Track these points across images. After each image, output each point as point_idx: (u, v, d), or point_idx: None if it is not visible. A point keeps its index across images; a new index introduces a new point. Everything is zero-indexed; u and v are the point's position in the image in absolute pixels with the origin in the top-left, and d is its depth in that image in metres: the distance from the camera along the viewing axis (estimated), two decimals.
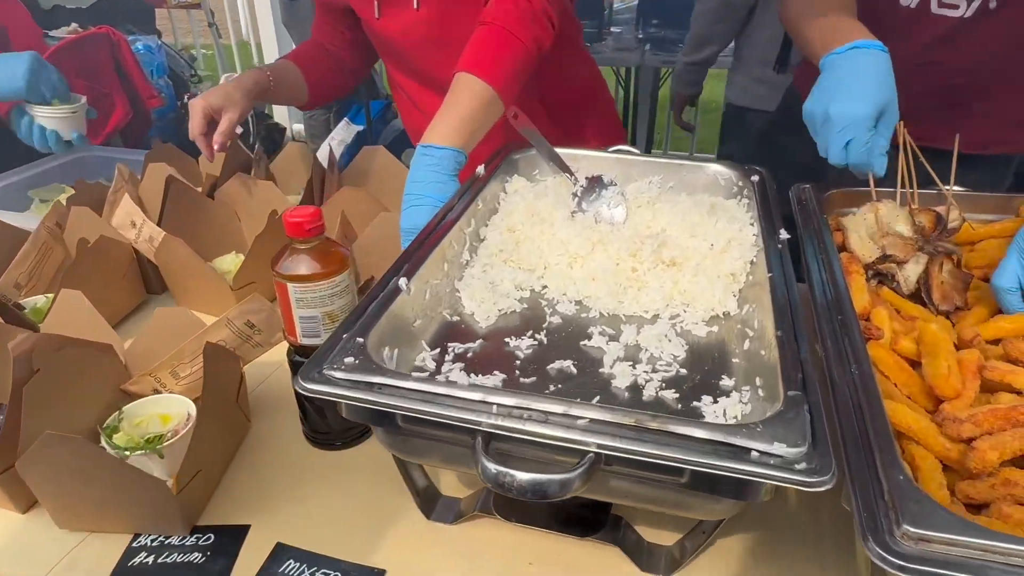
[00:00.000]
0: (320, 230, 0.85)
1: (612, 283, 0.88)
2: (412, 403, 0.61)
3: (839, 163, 0.89)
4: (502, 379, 0.75)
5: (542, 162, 1.14)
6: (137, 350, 0.97)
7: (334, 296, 0.86)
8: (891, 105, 0.87)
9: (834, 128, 0.87)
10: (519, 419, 0.59)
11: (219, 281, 1.17)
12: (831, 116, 0.87)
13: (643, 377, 0.76)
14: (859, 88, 0.86)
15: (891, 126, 0.88)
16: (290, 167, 1.57)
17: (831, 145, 0.88)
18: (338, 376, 0.64)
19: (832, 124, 0.87)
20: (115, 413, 0.91)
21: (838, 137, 0.87)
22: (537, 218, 0.97)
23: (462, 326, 0.84)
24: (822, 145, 0.90)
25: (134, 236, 1.22)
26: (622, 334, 0.82)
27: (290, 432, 0.98)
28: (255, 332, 0.91)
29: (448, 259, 0.89)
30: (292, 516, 0.85)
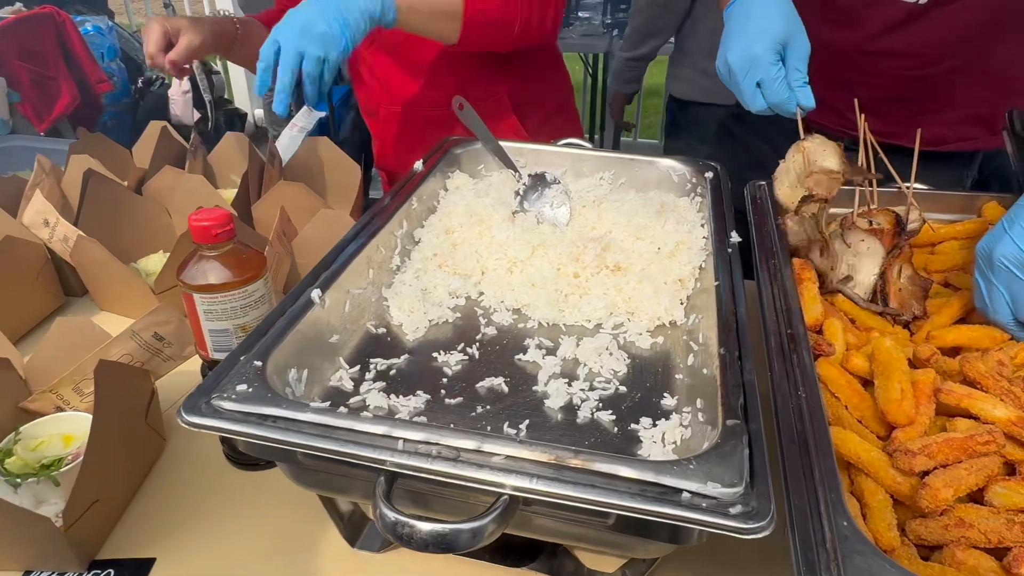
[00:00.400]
0: (230, 235, 0.77)
1: (552, 290, 0.82)
2: (308, 439, 0.54)
3: (760, 109, 0.84)
4: (425, 400, 0.68)
5: (488, 157, 1.07)
6: (37, 365, 0.88)
7: (247, 307, 0.78)
8: (795, 36, 0.83)
9: (738, 74, 0.83)
10: (426, 457, 0.53)
11: (140, 284, 1.09)
12: (730, 64, 0.83)
13: (579, 396, 0.70)
14: (751, 27, 0.83)
15: (802, 57, 0.83)
16: (229, 158, 1.47)
17: (743, 92, 0.85)
18: (227, 407, 0.57)
19: (735, 72, 0.84)
20: (11, 435, 0.83)
21: (746, 81, 0.83)
22: (476, 219, 0.90)
23: (388, 339, 0.78)
24: (739, 97, 0.86)
25: (47, 236, 1.12)
26: (560, 347, 0.76)
27: (210, 450, 0.90)
28: (165, 345, 0.84)
29: (374, 265, 0.82)
30: (202, 548, 0.78)
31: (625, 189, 1.01)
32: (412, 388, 0.70)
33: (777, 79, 0.82)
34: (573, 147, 1.08)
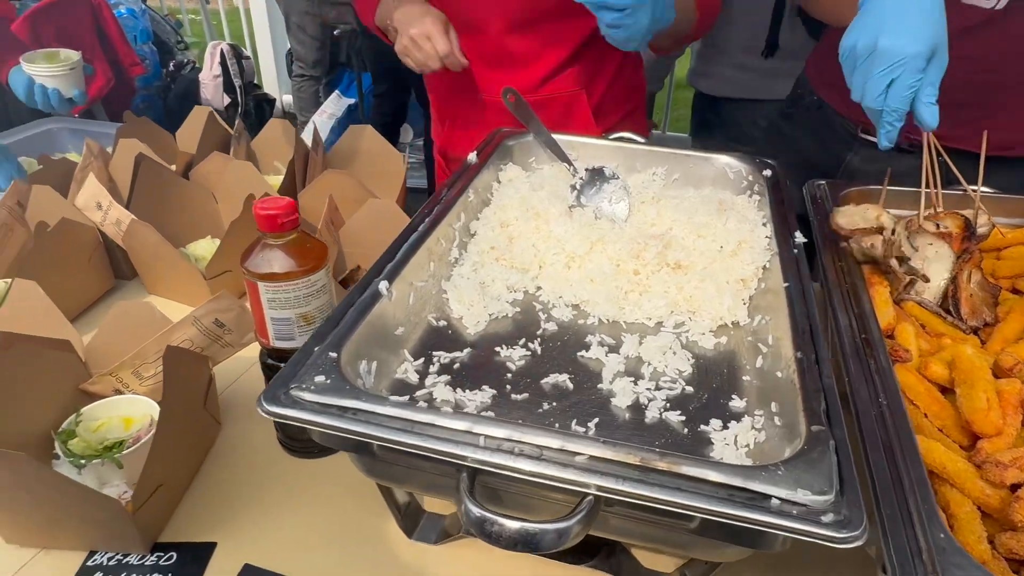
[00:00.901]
0: (295, 224, 0.77)
1: (612, 287, 0.81)
2: (390, 433, 0.54)
3: (875, 106, 0.78)
4: (491, 395, 0.68)
5: (539, 149, 1.06)
6: (97, 347, 0.89)
7: (310, 296, 0.79)
8: (942, 47, 0.77)
9: (880, 64, 0.76)
10: (509, 454, 0.52)
11: (191, 269, 1.10)
12: (879, 49, 0.75)
13: (646, 395, 0.69)
14: (912, 22, 0.75)
15: (941, 71, 0.77)
16: (273, 145, 1.48)
17: (871, 83, 0.76)
18: (307, 398, 0.57)
19: (878, 59, 0.76)
20: (72, 416, 0.84)
21: (882, 75, 0.76)
22: (532, 212, 0.90)
23: (449, 332, 0.78)
24: (859, 85, 0.79)
25: (100, 219, 1.13)
26: (623, 345, 0.76)
27: (263, 437, 0.91)
28: (225, 332, 0.84)
29: (435, 257, 0.82)
30: (262, 533, 0.78)
31: (679, 186, 0.99)
32: (477, 382, 0.70)
33: (912, 88, 0.76)
34: (625, 141, 1.07)
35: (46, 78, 1.48)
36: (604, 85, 1.27)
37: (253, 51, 4.22)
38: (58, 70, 1.48)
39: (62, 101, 1.50)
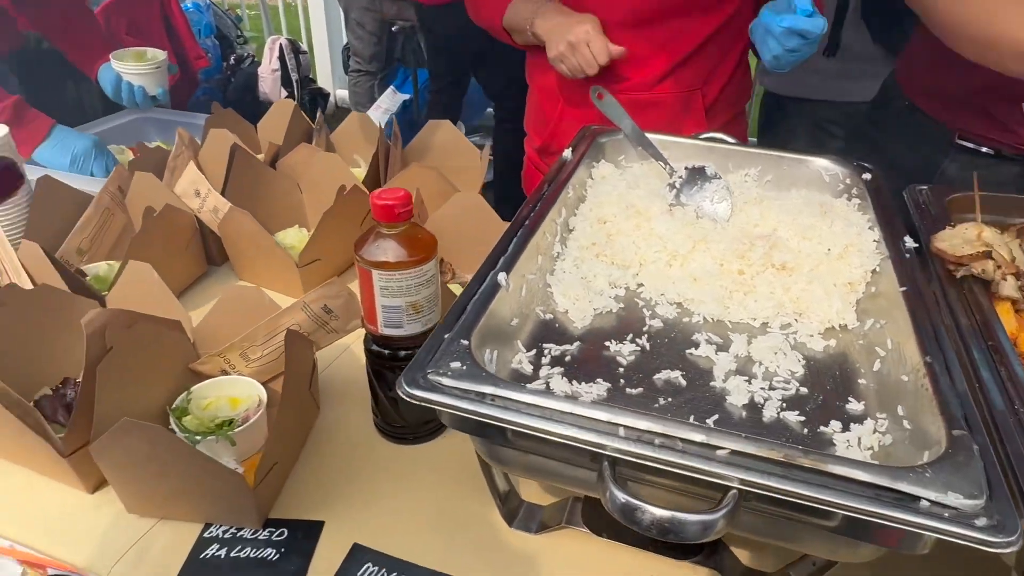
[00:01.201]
0: (409, 215, 0.79)
1: (717, 286, 0.82)
2: (530, 419, 0.55)
3: None
4: (606, 388, 0.69)
5: (629, 147, 1.07)
6: (205, 328, 0.92)
7: (420, 286, 0.80)
8: None
9: None
10: (649, 444, 0.53)
11: (285, 257, 1.13)
12: None
13: (760, 394, 0.69)
14: None
15: None
16: (351, 138, 1.51)
17: None
18: (446, 383, 0.58)
19: None
20: (183, 394, 0.87)
21: None
22: (632, 210, 0.90)
23: (556, 325, 0.79)
24: None
25: (198, 206, 1.17)
26: (732, 344, 0.76)
27: (358, 421, 0.94)
28: (332, 318, 0.86)
29: (542, 251, 0.83)
30: (366, 514, 0.81)
31: (771, 187, 0.99)
32: (591, 375, 0.71)
33: None
34: (716, 142, 1.07)
35: (133, 76, 1.54)
36: (719, 86, 1.26)
37: (309, 46, 4.29)
38: (144, 69, 1.54)
39: (146, 98, 1.56)
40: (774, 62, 1.05)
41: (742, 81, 1.33)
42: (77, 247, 1.14)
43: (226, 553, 0.75)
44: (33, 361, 0.89)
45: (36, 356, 0.89)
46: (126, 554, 0.75)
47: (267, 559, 0.75)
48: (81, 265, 1.14)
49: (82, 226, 1.14)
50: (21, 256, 0.99)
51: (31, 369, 0.89)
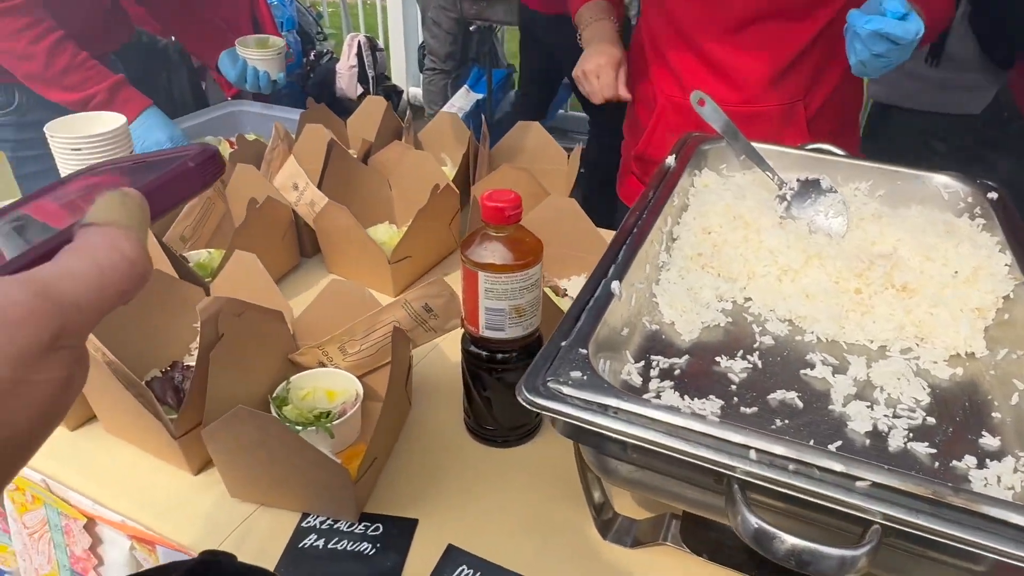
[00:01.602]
0: (519, 217, 0.79)
1: (832, 304, 0.78)
2: (655, 435, 0.54)
3: None
4: (719, 406, 0.67)
5: (731, 156, 1.04)
6: (305, 320, 0.94)
7: (524, 289, 0.80)
8: None
9: None
10: (783, 471, 0.51)
11: (378, 253, 1.14)
12: None
13: (884, 422, 0.66)
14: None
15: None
16: (439, 137, 1.52)
17: None
18: (567, 392, 0.57)
19: None
20: (284, 383, 0.89)
21: None
22: (740, 221, 0.88)
23: (662, 337, 0.77)
24: None
25: (295, 198, 1.20)
26: (849, 366, 0.73)
27: (449, 419, 0.94)
28: (431, 317, 0.87)
29: (649, 260, 0.81)
30: (459, 515, 0.80)
31: (890, 203, 0.95)
32: (702, 391, 0.69)
33: None
34: (823, 153, 1.03)
35: (257, 62, 1.62)
36: (823, 96, 1.22)
37: (386, 44, 4.36)
38: (267, 55, 1.63)
39: (269, 82, 1.64)
40: (860, 68, 1.00)
41: (850, 90, 1.27)
42: (180, 234, 1.18)
43: (324, 544, 0.76)
44: (144, 343, 0.92)
45: (147, 338, 0.93)
46: (228, 537, 0.77)
47: (363, 553, 0.76)
48: (184, 252, 1.18)
49: (186, 214, 1.18)
50: None
51: (143, 351, 0.92)
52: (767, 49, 1.18)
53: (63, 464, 0.85)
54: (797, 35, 1.16)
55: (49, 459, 0.85)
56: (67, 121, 1.10)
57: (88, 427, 0.90)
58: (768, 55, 1.18)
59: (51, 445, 0.87)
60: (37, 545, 0.87)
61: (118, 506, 0.80)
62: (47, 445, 0.78)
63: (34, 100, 1.44)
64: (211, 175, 0.35)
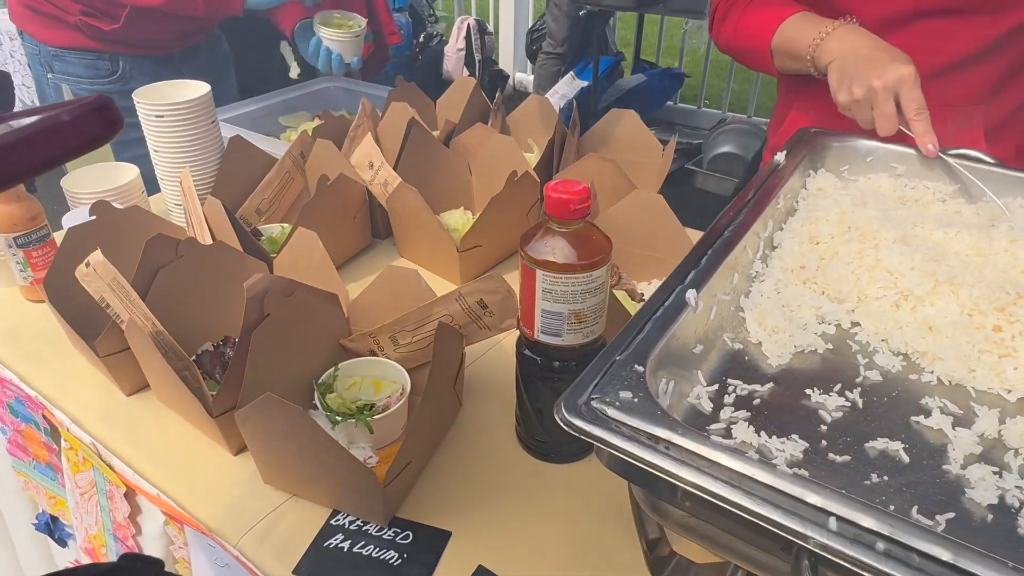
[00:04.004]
0: (586, 211, 0.70)
1: (961, 341, 0.64)
2: (711, 482, 0.44)
3: None
4: (803, 448, 0.56)
5: (856, 156, 0.90)
6: (360, 304, 0.90)
7: (587, 293, 0.71)
8: None
9: None
10: (870, 549, 0.40)
11: (447, 239, 1.08)
12: None
13: (1015, 495, 0.53)
14: None
15: None
16: (528, 121, 1.44)
17: None
18: (612, 415, 0.49)
19: None
20: (331, 369, 0.85)
21: None
22: (856, 232, 0.75)
23: (746, 359, 0.66)
24: None
25: (370, 177, 1.16)
26: (976, 420, 0.59)
27: (501, 423, 0.87)
28: (486, 314, 0.80)
29: (739, 269, 0.70)
30: (496, 533, 0.73)
31: None
32: (783, 428, 0.57)
33: None
34: (969, 160, 0.87)
35: (333, 42, 1.56)
36: (1014, 103, 1.02)
37: (495, 28, 4.33)
38: (344, 36, 1.56)
39: (341, 64, 1.58)
40: None
41: None
42: (256, 207, 1.17)
43: (349, 546, 0.71)
44: (202, 315, 0.91)
45: (205, 310, 0.91)
46: (255, 526, 0.74)
47: (388, 562, 0.70)
48: (259, 225, 1.17)
49: (264, 187, 1.17)
50: (206, 211, 1.02)
51: (199, 322, 0.91)
52: (929, 45, 0.99)
53: (113, 429, 0.85)
54: (973, 33, 0.98)
55: (101, 423, 0.86)
56: (153, 88, 1.11)
57: (143, 394, 0.90)
58: (931, 51, 0.98)
59: (106, 408, 0.88)
60: (86, 505, 0.88)
61: (156, 478, 0.79)
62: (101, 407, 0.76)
63: (136, 68, 1.48)
64: (98, 128, 0.30)
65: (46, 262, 1.03)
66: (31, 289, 1.06)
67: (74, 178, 1.13)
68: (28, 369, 0.95)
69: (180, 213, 1.15)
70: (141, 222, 0.98)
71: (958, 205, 0.84)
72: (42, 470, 1.01)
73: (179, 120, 1.07)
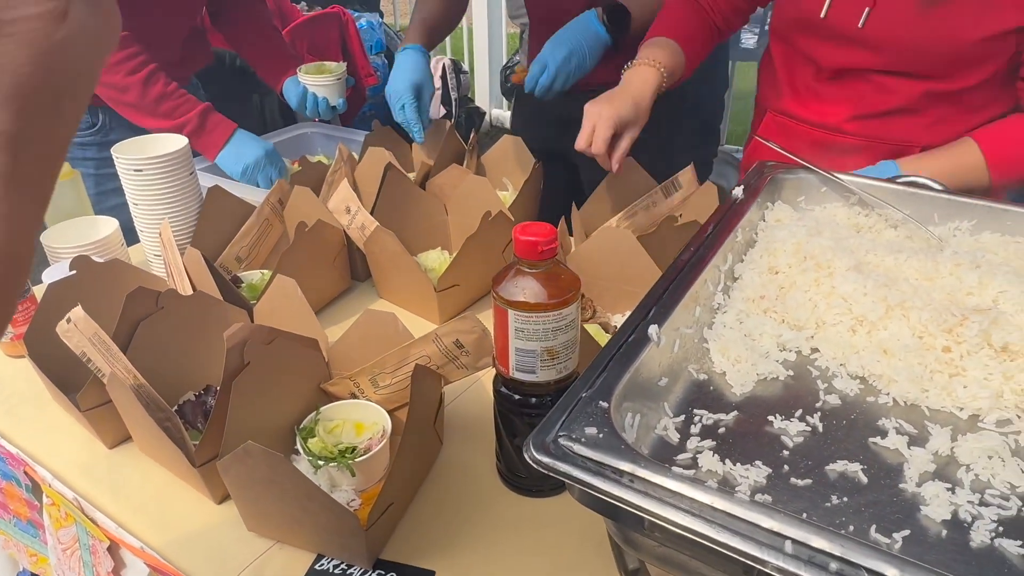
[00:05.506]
0: (554, 252, 0.73)
1: (913, 363, 0.68)
2: (672, 512, 0.46)
3: None
4: (766, 474, 0.58)
5: (811, 187, 0.94)
6: (339, 348, 0.91)
7: (558, 330, 0.74)
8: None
9: None
10: (823, 571, 0.43)
11: (424, 281, 1.11)
12: None
13: (967, 510, 0.55)
14: None
15: None
16: (502, 161, 1.48)
17: None
18: (578, 451, 0.51)
19: None
20: (312, 413, 0.86)
21: None
22: (811, 262, 0.78)
23: (711, 388, 0.69)
24: None
25: (347, 222, 1.19)
26: (930, 438, 0.62)
27: (482, 461, 0.88)
28: (463, 353, 0.82)
29: (701, 302, 0.73)
30: (479, 570, 0.75)
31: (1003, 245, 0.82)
32: (748, 455, 0.60)
33: None
34: (918, 187, 0.91)
35: (317, 87, 1.62)
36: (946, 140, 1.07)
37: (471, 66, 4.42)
38: (327, 80, 1.62)
39: (328, 108, 1.63)
40: None
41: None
42: (236, 254, 1.19)
43: None
44: (183, 365, 0.92)
45: (186, 360, 0.93)
46: (241, 574, 0.74)
47: None
48: (239, 272, 1.19)
49: (243, 235, 1.20)
50: (186, 261, 1.04)
51: (181, 372, 0.92)
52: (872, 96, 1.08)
53: (96, 483, 0.86)
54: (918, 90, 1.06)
55: (83, 477, 0.86)
56: (132, 143, 1.14)
57: (125, 446, 0.91)
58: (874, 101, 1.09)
59: (88, 462, 0.89)
60: (68, 561, 0.88)
61: (140, 531, 0.80)
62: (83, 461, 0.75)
63: (115, 121, 1.51)
64: None
65: (26, 317, 1.04)
66: (12, 345, 1.07)
67: (53, 233, 1.15)
68: (9, 425, 0.96)
69: (160, 264, 1.17)
70: (121, 275, 0.99)
71: (909, 231, 0.88)
72: (23, 527, 1.00)
73: (157, 173, 1.10)
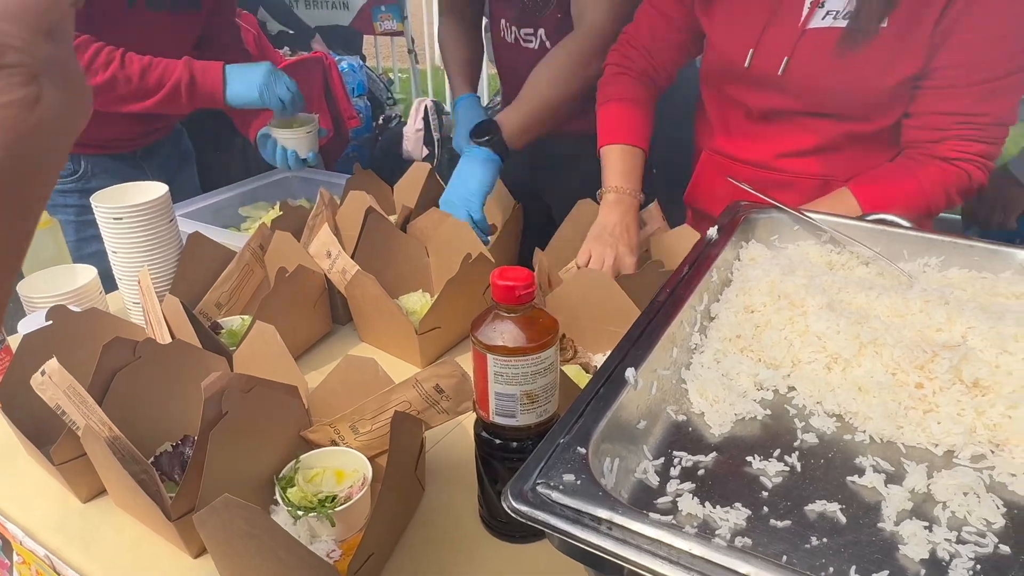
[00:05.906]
0: (531, 297, 0.74)
1: (888, 400, 0.69)
2: (650, 559, 0.46)
3: None
4: (746, 516, 0.58)
5: (784, 226, 0.96)
6: (319, 395, 0.91)
7: (537, 374, 0.74)
8: None
9: None
10: None
11: (405, 324, 1.11)
12: None
13: (945, 548, 0.56)
14: None
15: None
16: None
17: None
18: (556, 499, 0.51)
19: None
20: (292, 462, 0.85)
21: None
22: (786, 301, 0.79)
23: (690, 430, 0.69)
24: None
25: (328, 266, 1.19)
26: (906, 475, 0.62)
27: (464, 506, 0.87)
28: (443, 398, 0.82)
29: (677, 343, 0.74)
30: None
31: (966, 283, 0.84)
32: (727, 496, 0.60)
33: None
34: (887, 224, 0.93)
35: (287, 140, 1.59)
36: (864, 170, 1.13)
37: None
38: (295, 134, 1.58)
39: (298, 161, 1.60)
40: None
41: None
42: (216, 300, 1.19)
43: None
44: (161, 414, 0.91)
45: (164, 410, 0.92)
46: None
47: None
48: (219, 318, 1.18)
49: (223, 280, 1.19)
50: (164, 309, 1.03)
51: (158, 422, 0.91)
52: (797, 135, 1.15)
53: (68, 539, 0.83)
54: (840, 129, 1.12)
55: (56, 533, 0.84)
56: (112, 191, 1.14)
57: (100, 499, 0.89)
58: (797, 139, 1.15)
59: (60, 518, 0.87)
60: None
61: None
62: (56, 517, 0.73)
63: (97, 167, 1.51)
64: None
65: (1, 370, 1.02)
66: None
67: (30, 283, 1.14)
68: None
69: (139, 312, 1.16)
70: (99, 324, 0.99)
71: (879, 267, 0.90)
72: None
73: (137, 221, 1.10)
